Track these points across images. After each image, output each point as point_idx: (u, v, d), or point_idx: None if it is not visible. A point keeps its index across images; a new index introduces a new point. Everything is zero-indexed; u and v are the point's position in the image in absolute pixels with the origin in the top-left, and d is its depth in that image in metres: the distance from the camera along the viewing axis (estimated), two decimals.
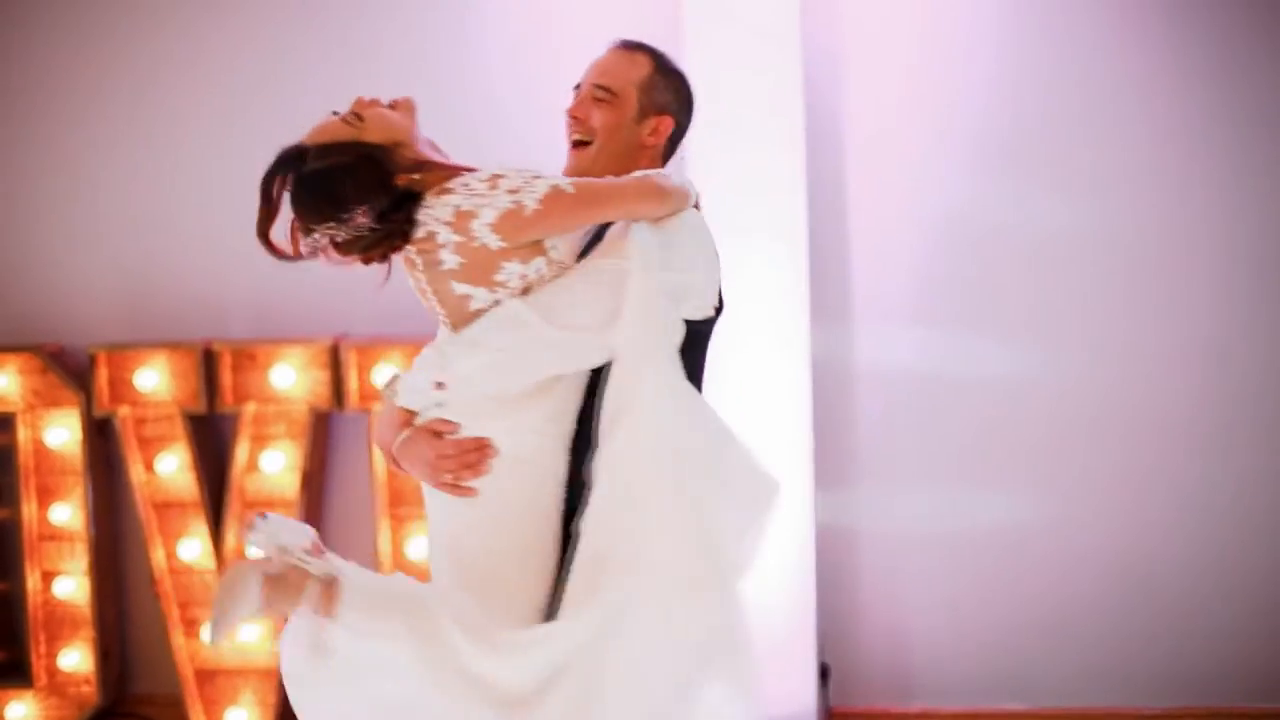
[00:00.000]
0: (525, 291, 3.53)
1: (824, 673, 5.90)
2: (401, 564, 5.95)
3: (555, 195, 3.47)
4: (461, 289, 3.53)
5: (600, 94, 3.80)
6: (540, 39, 6.07)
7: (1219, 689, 6.00)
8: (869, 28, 5.93)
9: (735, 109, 5.56)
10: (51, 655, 6.27)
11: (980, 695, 6.07)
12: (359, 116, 3.59)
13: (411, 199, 3.54)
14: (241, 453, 6.11)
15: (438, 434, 3.56)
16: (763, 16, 5.54)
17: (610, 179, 3.59)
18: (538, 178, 3.50)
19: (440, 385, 3.55)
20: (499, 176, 3.50)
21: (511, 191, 3.47)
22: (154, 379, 6.11)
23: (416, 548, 5.92)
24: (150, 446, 6.14)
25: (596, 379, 3.56)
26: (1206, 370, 5.94)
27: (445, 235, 3.49)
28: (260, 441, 6.10)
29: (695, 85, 5.46)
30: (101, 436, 6.28)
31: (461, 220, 3.48)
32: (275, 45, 6.22)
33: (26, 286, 6.44)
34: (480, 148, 5.94)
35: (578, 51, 5.97)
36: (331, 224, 3.50)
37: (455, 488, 3.55)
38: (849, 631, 6.08)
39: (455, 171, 3.59)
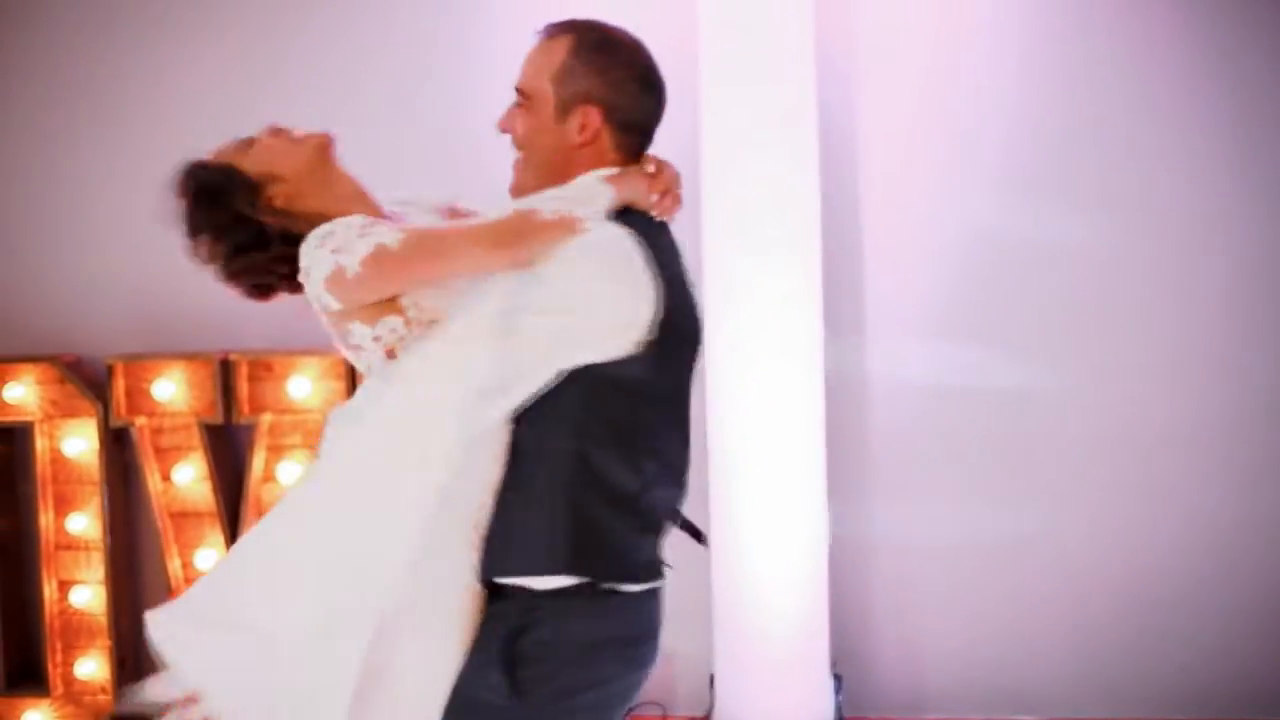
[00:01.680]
0: (391, 353, 3.22)
1: (837, 682, 5.90)
2: None
3: (376, 256, 3.11)
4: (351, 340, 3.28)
5: (518, 98, 3.35)
6: None
7: (1231, 702, 6.00)
8: (883, 40, 5.95)
9: (750, 123, 5.56)
10: (68, 664, 6.30)
11: (992, 706, 6.07)
12: (250, 142, 3.38)
13: (288, 238, 3.27)
14: (258, 463, 6.13)
15: None
16: (777, 30, 5.55)
17: (458, 225, 3.23)
18: (365, 235, 3.15)
19: None
20: (329, 234, 3.17)
21: (335, 251, 3.14)
22: (171, 389, 6.13)
23: None
24: (167, 456, 6.16)
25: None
26: (1218, 385, 5.95)
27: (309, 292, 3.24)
28: (276, 452, 6.13)
29: (709, 98, 5.58)
30: (119, 446, 6.31)
31: (305, 275, 3.21)
32: (285, 53, 6.24)
33: (43, 298, 6.46)
34: (485, 153, 6.07)
35: None
36: (192, 246, 3.35)
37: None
38: (862, 642, 6.09)
39: (329, 218, 3.25)
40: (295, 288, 3.30)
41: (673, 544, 6.02)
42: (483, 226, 3.15)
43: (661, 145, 5.91)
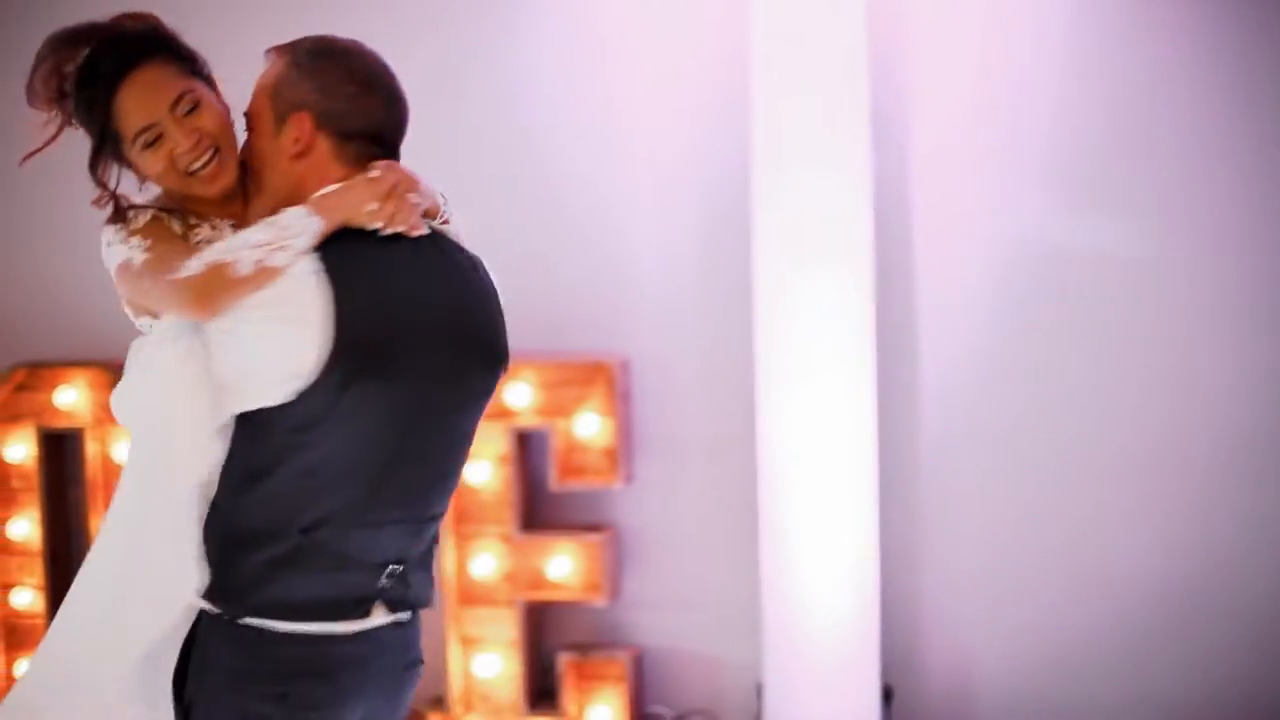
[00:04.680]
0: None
1: (887, 695, 5.88)
2: (465, 582, 5.96)
3: (120, 270, 3.13)
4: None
5: (245, 124, 3.23)
6: (596, 62, 6.09)
7: None
8: (936, 51, 5.91)
9: (801, 134, 5.54)
10: None
11: (1043, 718, 6.04)
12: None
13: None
14: None
15: None
16: (829, 41, 5.53)
17: (164, 259, 3.08)
18: (125, 243, 3.13)
19: None
20: (135, 218, 3.19)
21: (124, 243, 3.15)
22: None
23: (481, 566, 5.93)
24: None
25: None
26: (1268, 396, 5.90)
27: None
28: None
29: (761, 109, 5.56)
30: None
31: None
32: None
33: (91, 301, 6.47)
34: (524, 163, 6.07)
35: (635, 74, 6.06)
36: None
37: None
38: (912, 653, 6.06)
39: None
40: None
41: (720, 554, 6.04)
42: (185, 281, 3.00)
43: (713, 157, 5.95)
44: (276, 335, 3.01)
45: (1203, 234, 5.87)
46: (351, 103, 3.16)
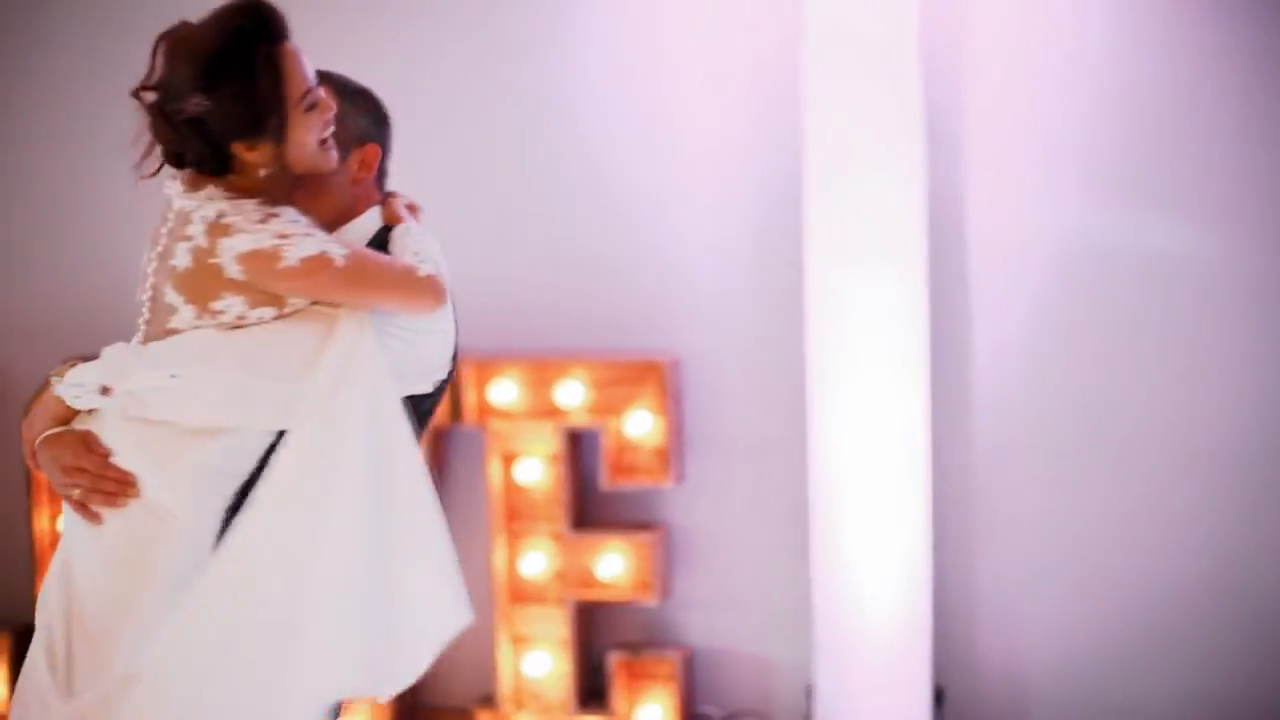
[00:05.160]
0: (234, 327, 3.22)
1: (939, 696, 5.87)
2: (515, 580, 5.96)
3: (319, 262, 3.17)
4: (171, 298, 3.23)
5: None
6: (649, 62, 6.09)
7: None
8: (991, 48, 5.88)
9: (854, 133, 5.52)
10: None
11: None
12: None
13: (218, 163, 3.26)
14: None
15: (87, 445, 3.21)
16: (883, 39, 5.50)
17: (381, 259, 3.28)
18: (310, 235, 3.20)
19: (106, 391, 3.21)
20: (273, 215, 3.20)
21: (280, 236, 3.17)
22: None
23: (531, 565, 5.94)
24: None
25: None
26: None
27: (195, 229, 3.20)
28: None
29: (813, 108, 5.55)
30: None
31: (215, 230, 3.18)
32: (357, 51, 6.26)
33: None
34: (577, 164, 6.08)
35: (688, 73, 6.06)
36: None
37: (81, 507, 3.20)
38: (965, 655, 6.04)
39: (254, 193, 3.27)
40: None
41: (771, 554, 6.04)
42: (428, 279, 3.31)
43: (765, 156, 5.94)
44: (448, 332, 3.44)
45: (1253, 235, 5.83)
46: (391, 140, 3.50)
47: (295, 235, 3.17)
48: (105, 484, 3.18)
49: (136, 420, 3.21)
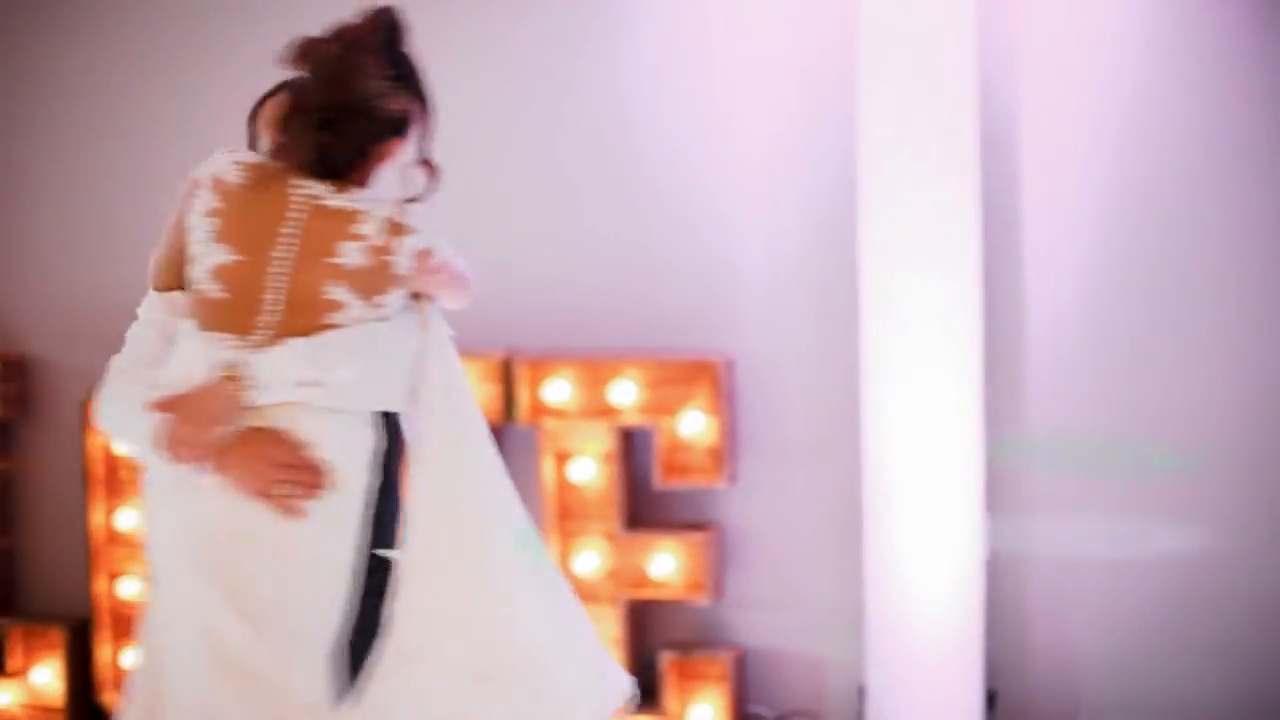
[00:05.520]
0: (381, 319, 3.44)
1: (991, 698, 5.85)
2: (569, 579, 5.95)
3: (444, 259, 3.47)
4: (338, 294, 3.39)
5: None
6: (703, 61, 6.09)
7: None
8: (1047, 47, 5.86)
9: (910, 132, 5.52)
10: None
11: None
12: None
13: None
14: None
15: (289, 440, 3.34)
16: (939, 38, 5.49)
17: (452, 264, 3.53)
18: (439, 237, 3.49)
19: (313, 385, 3.35)
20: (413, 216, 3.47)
21: (432, 234, 3.46)
22: None
23: (584, 564, 5.95)
24: None
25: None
26: None
27: (370, 229, 3.39)
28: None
29: (868, 107, 5.55)
30: None
31: (393, 229, 3.39)
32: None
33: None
34: (632, 163, 6.08)
35: (743, 73, 6.05)
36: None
37: (284, 503, 3.33)
38: (1017, 657, 6.02)
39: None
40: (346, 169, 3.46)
41: (823, 554, 6.03)
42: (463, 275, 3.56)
43: (819, 154, 5.93)
44: None
45: None
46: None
47: (410, 229, 3.42)
48: (311, 476, 3.33)
49: (324, 411, 3.35)
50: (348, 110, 3.35)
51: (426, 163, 3.51)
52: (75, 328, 6.70)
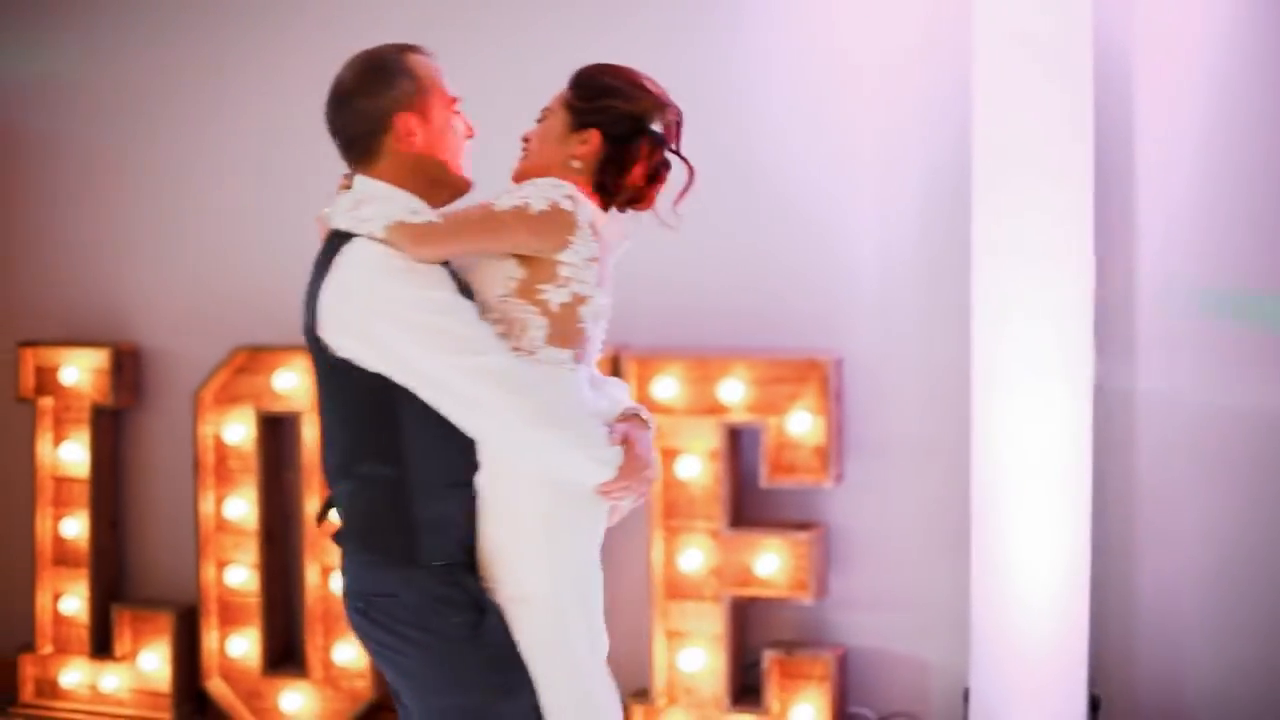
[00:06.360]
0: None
1: (1095, 704, 5.81)
2: (672, 576, 5.98)
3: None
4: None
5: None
6: (820, 64, 6.08)
7: None
8: (1162, 47, 5.82)
9: (1023, 134, 5.49)
10: (327, 648, 6.41)
11: None
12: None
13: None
14: None
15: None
16: (1054, 40, 5.46)
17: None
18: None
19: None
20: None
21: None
22: None
23: (689, 561, 5.95)
24: None
25: None
26: None
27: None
28: None
29: (982, 108, 5.52)
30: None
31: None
32: (524, 38, 6.32)
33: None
34: (748, 163, 6.08)
35: (859, 75, 6.04)
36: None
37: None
38: (1122, 662, 5.98)
39: None
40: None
41: (929, 556, 6.01)
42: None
43: (933, 155, 5.91)
44: None
45: None
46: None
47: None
48: None
49: None
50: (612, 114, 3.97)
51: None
52: (186, 319, 6.78)
